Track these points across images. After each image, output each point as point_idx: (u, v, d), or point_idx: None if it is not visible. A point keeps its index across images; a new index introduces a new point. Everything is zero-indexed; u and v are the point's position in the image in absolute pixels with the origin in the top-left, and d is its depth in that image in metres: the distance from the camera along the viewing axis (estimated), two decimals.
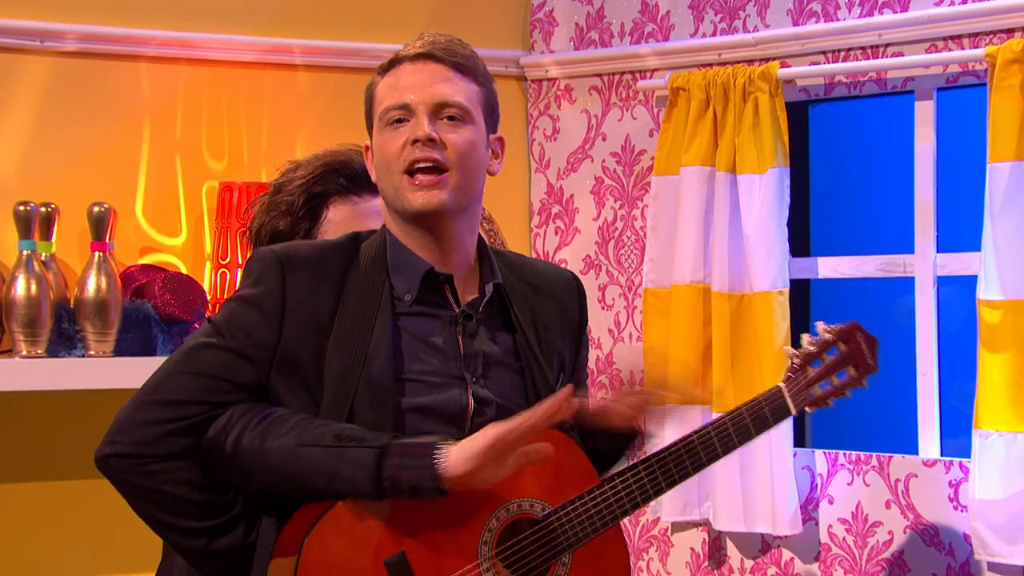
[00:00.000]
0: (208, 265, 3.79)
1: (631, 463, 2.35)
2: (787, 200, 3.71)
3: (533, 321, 2.37)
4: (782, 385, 2.43)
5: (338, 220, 2.59)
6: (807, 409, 2.45)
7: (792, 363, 2.46)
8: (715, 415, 3.72)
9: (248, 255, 2.36)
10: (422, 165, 2.23)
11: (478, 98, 2.29)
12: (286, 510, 2.24)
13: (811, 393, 2.44)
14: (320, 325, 2.24)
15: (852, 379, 2.47)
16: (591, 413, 2.34)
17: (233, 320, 2.25)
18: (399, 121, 2.25)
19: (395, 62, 2.31)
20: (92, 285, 3.48)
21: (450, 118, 2.25)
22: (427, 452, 2.14)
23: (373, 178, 2.33)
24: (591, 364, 4.11)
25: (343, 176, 2.61)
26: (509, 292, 2.36)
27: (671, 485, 2.34)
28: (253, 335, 2.23)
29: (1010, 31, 3.43)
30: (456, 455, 2.14)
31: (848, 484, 3.67)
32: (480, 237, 2.36)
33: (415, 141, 2.22)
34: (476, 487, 2.17)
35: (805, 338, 2.49)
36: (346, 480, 2.16)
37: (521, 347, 2.34)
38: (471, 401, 2.28)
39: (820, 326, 2.50)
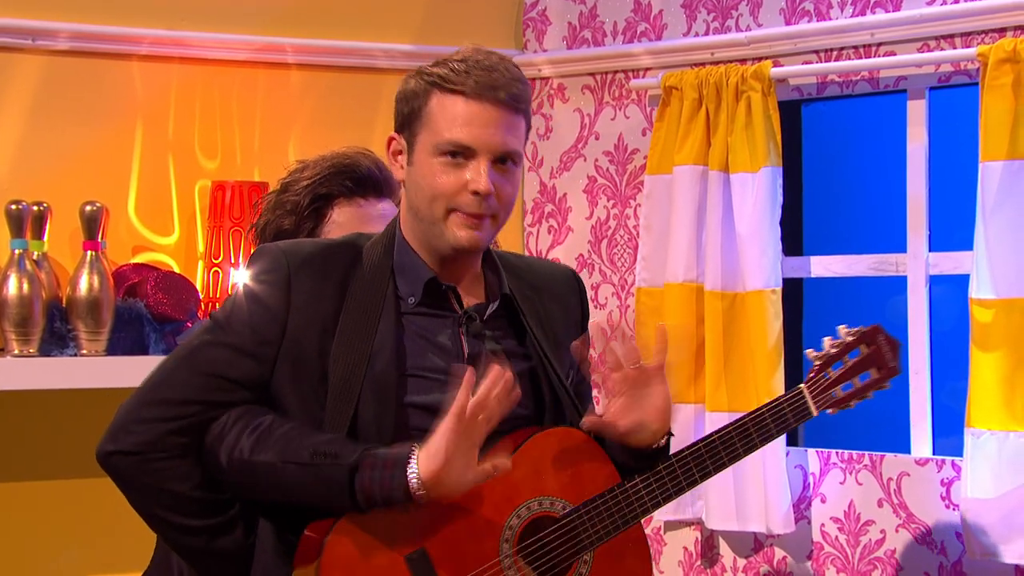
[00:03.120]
0: (201, 264, 3.79)
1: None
2: (780, 199, 3.71)
3: (540, 323, 2.38)
4: (803, 387, 2.45)
5: (342, 221, 2.61)
6: (829, 411, 2.47)
7: (813, 365, 2.47)
8: (709, 414, 3.75)
9: (253, 250, 2.37)
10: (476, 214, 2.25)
11: (525, 131, 2.32)
12: (283, 514, 2.25)
13: (833, 395, 2.46)
14: (324, 323, 2.25)
15: (874, 381, 2.50)
16: (600, 427, 2.34)
17: (237, 316, 2.26)
18: (455, 156, 2.24)
19: (456, 86, 2.25)
20: (84, 284, 3.47)
21: (504, 163, 2.27)
22: (397, 463, 2.15)
23: (396, 175, 2.33)
24: None
25: (349, 179, 2.63)
26: (519, 300, 2.37)
27: (692, 484, 2.37)
28: (258, 331, 2.24)
29: (1002, 30, 3.43)
30: (423, 460, 2.15)
31: (840, 483, 3.68)
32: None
33: (475, 191, 2.23)
34: (450, 493, 2.17)
35: (826, 341, 2.51)
36: (324, 498, 2.17)
37: (532, 350, 2.36)
38: None
39: (842, 329, 2.51)
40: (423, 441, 2.17)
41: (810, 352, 2.51)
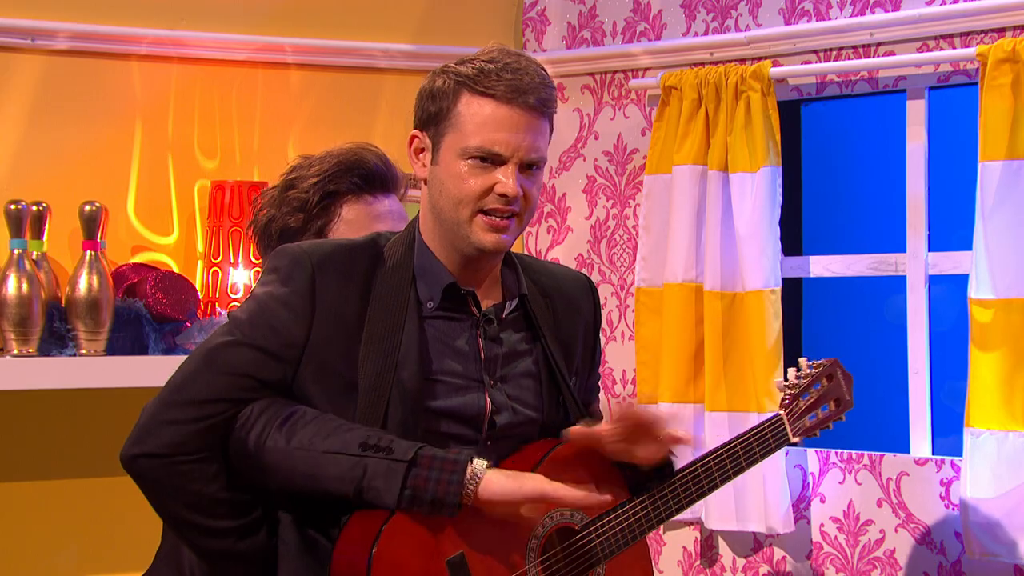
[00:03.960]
0: (200, 264, 3.79)
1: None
2: (779, 199, 3.71)
3: (552, 326, 2.40)
4: (783, 414, 2.57)
5: (350, 219, 2.59)
6: (796, 440, 2.60)
7: (785, 394, 2.61)
8: (708, 414, 3.74)
9: (273, 251, 2.35)
10: (500, 215, 2.25)
11: (550, 133, 2.32)
12: (306, 506, 2.25)
13: (803, 423, 2.60)
14: (349, 326, 2.25)
15: (832, 413, 2.66)
16: (586, 439, 2.35)
17: (261, 318, 2.25)
18: (484, 160, 2.24)
19: (486, 89, 2.24)
20: (84, 284, 3.47)
21: (531, 167, 2.27)
22: (455, 468, 2.16)
23: (418, 172, 2.32)
24: None
25: (357, 176, 2.61)
26: (530, 299, 2.38)
27: (690, 503, 2.42)
28: (282, 334, 2.24)
29: (1001, 30, 3.43)
30: (493, 484, 2.16)
31: (840, 483, 3.68)
32: None
33: (502, 194, 2.23)
34: (495, 516, 2.19)
35: (792, 372, 2.65)
36: (370, 490, 2.16)
37: (540, 353, 2.37)
38: (488, 404, 2.30)
39: (803, 361, 2.66)
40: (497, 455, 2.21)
41: (779, 381, 2.65)
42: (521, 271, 2.38)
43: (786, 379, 2.65)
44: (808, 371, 2.64)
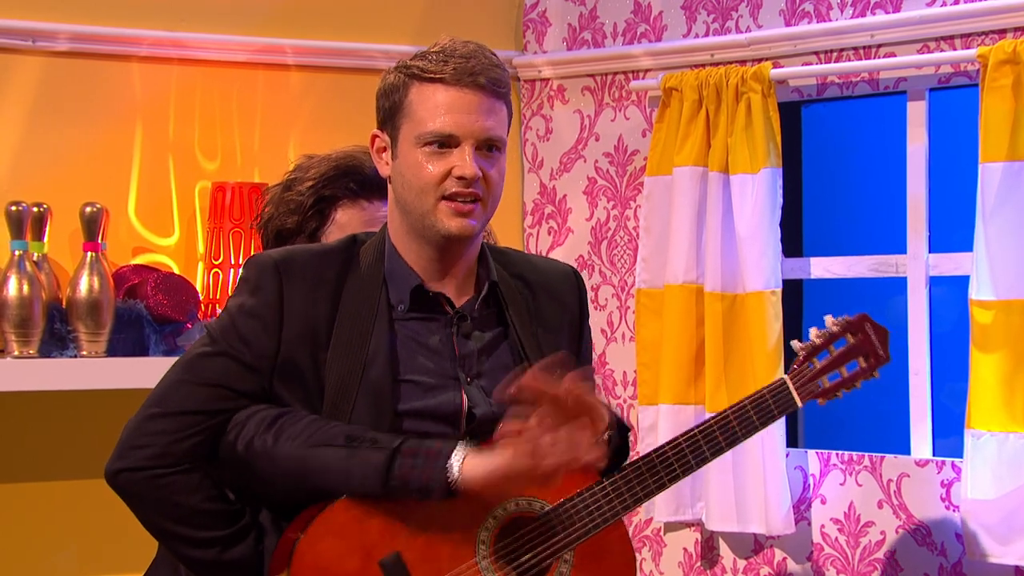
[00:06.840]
0: (201, 265, 3.79)
1: (632, 459, 2.35)
2: (780, 200, 3.71)
3: (530, 319, 2.38)
4: (786, 377, 2.44)
5: (344, 222, 2.60)
6: (818, 401, 2.45)
7: (798, 355, 2.46)
8: (708, 415, 3.74)
9: (247, 259, 2.36)
10: (463, 199, 2.25)
11: (507, 117, 2.31)
12: (289, 513, 2.25)
13: (819, 385, 2.45)
14: (317, 334, 2.25)
15: (863, 370, 2.48)
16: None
17: (232, 330, 2.26)
18: (440, 145, 2.25)
19: (435, 75, 2.26)
20: (84, 285, 3.47)
21: (489, 149, 2.27)
22: (439, 454, 2.16)
23: (382, 171, 2.34)
24: None
25: (353, 180, 2.62)
26: (505, 292, 2.37)
27: (674, 480, 2.34)
28: (253, 345, 2.25)
29: (1002, 32, 3.43)
30: (472, 466, 2.15)
31: (840, 484, 3.68)
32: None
33: (460, 176, 2.23)
34: (486, 496, 2.18)
35: (813, 331, 2.50)
36: (356, 479, 2.17)
37: (515, 347, 2.35)
38: (464, 401, 2.29)
39: (828, 319, 2.50)
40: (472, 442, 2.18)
41: (795, 343, 2.50)
42: (491, 260, 2.37)
43: (806, 339, 2.49)
44: (830, 328, 2.48)
